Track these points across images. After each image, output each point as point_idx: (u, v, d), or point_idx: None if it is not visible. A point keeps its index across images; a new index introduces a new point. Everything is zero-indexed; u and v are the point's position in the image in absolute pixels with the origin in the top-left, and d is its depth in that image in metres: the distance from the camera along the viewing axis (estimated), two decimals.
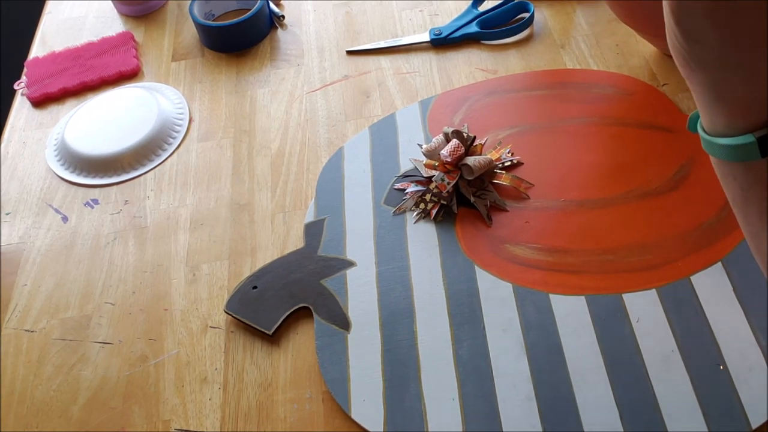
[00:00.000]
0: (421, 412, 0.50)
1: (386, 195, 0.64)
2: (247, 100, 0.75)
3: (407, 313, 0.56)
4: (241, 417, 0.53)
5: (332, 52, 0.79)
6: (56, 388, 0.56)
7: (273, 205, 0.66)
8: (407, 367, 0.53)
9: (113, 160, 0.70)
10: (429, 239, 0.60)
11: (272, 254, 0.62)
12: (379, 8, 0.83)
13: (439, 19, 0.80)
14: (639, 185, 0.60)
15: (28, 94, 0.79)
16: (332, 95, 0.74)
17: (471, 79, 0.73)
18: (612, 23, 0.76)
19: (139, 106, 0.74)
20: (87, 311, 0.61)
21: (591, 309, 0.53)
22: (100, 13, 0.89)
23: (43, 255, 0.65)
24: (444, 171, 0.61)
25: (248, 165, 0.69)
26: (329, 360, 0.54)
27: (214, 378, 0.55)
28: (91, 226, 0.67)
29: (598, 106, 0.67)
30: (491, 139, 0.66)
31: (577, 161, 0.63)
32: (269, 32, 0.82)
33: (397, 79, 0.74)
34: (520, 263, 0.57)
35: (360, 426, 0.51)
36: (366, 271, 0.59)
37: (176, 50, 0.82)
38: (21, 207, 0.70)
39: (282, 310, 0.57)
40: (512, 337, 0.53)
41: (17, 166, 0.74)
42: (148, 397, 0.55)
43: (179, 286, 0.61)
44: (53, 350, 0.59)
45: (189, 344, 0.57)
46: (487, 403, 0.50)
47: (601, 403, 0.49)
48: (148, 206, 0.68)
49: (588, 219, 0.58)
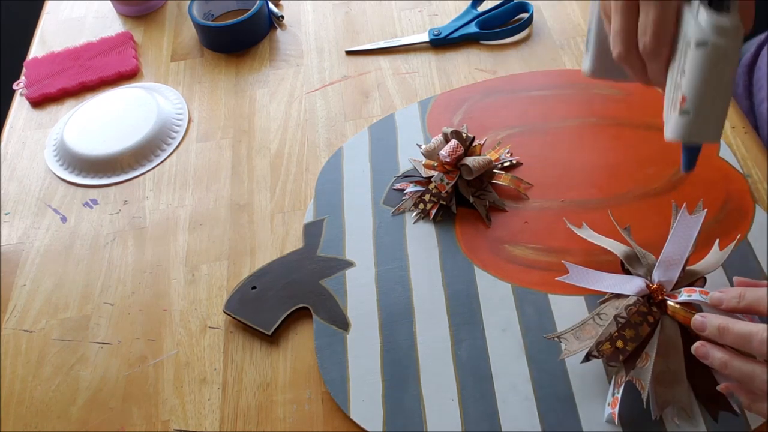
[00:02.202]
0: (420, 413, 0.50)
1: (385, 195, 0.64)
2: (246, 101, 0.75)
3: (406, 313, 0.56)
4: (240, 417, 0.53)
5: (331, 52, 0.79)
6: (55, 388, 0.56)
7: (272, 206, 0.66)
8: (406, 367, 0.53)
9: (112, 160, 0.70)
10: (428, 239, 0.60)
11: (271, 254, 0.62)
12: (378, 8, 0.83)
13: (439, 19, 0.80)
14: (638, 185, 0.60)
15: (27, 95, 0.79)
16: (331, 95, 0.74)
17: (470, 79, 0.73)
18: None
19: (139, 107, 0.74)
20: (86, 311, 0.61)
21: (590, 309, 0.53)
22: (99, 14, 0.89)
23: (42, 255, 0.65)
24: (443, 171, 0.61)
25: (247, 165, 0.69)
26: (328, 360, 0.54)
27: (213, 378, 0.55)
28: (90, 226, 0.67)
29: (598, 107, 0.67)
30: (490, 139, 0.66)
31: (577, 161, 0.63)
32: (268, 32, 0.82)
33: (396, 80, 0.74)
34: (520, 263, 0.57)
35: (359, 426, 0.51)
36: (365, 272, 0.59)
37: (175, 50, 0.82)
38: (20, 207, 0.69)
39: (281, 310, 0.57)
40: (511, 338, 0.53)
41: (16, 166, 0.73)
42: (147, 397, 0.55)
43: (178, 286, 0.61)
44: (52, 350, 0.59)
45: (188, 344, 0.57)
46: (487, 403, 0.50)
47: (600, 403, 0.49)
48: (148, 206, 0.68)
49: (587, 219, 0.58)
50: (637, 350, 0.48)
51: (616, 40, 0.47)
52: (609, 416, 0.48)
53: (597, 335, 0.48)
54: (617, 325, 0.48)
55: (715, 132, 0.45)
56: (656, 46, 0.45)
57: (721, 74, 0.43)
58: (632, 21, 0.46)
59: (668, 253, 0.50)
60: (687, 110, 0.44)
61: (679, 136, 0.45)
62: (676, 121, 0.45)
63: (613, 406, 0.47)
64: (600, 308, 0.51)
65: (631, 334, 0.47)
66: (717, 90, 0.43)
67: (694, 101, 0.44)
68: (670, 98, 0.46)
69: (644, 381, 0.47)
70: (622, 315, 0.48)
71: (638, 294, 0.49)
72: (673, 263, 0.50)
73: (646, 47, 0.46)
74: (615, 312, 0.49)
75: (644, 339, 0.48)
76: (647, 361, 0.47)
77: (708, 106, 0.44)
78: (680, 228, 0.51)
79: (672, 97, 0.45)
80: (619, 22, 0.47)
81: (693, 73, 0.43)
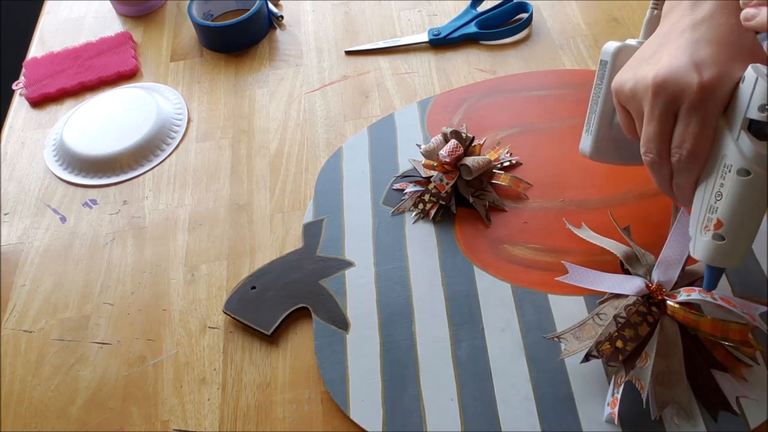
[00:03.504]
0: (420, 413, 0.50)
1: (385, 195, 0.64)
2: (245, 101, 0.75)
3: (406, 313, 0.56)
4: (239, 417, 0.53)
5: (331, 52, 0.79)
6: (55, 388, 0.56)
7: (272, 206, 0.66)
8: (406, 367, 0.53)
9: (112, 160, 0.70)
10: (428, 239, 0.60)
11: (271, 254, 0.62)
12: (377, 8, 0.83)
13: (438, 19, 0.80)
14: (637, 185, 0.60)
15: (27, 95, 0.79)
16: (331, 95, 0.74)
17: (470, 79, 0.73)
18: (611, 23, 0.76)
19: (138, 107, 0.74)
20: (86, 311, 0.61)
21: (590, 309, 0.53)
22: (98, 14, 0.89)
23: (42, 255, 0.65)
24: (443, 171, 0.61)
25: (247, 165, 0.69)
26: (328, 360, 0.54)
27: (212, 378, 0.55)
28: (89, 226, 0.67)
29: None
30: (490, 139, 0.66)
31: (576, 161, 0.63)
32: (268, 32, 0.82)
33: (395, 80, 0.74)
34: (519, 263, 0.57)
35: (359, 426, 0.51)
36: (365, 272, 0.59)
37: (175, 50, 0.82)
38: (19, 207, 0.69)
39: (281, 310, 0.57)
40: (511, 338, 0.53)
41: (16, 166, 0.73)
42: (146, 397, 0.55)
43: (178, 286, 0.61)
44: (52, 350, 0.58)
45: (188, 344, 0.57)
46: (486, 403, 0.50)
47: (600, 403, 0.49)
48: (147, 206, 0.68)
49: (587, 219, 0.58)
50: (636, 350, 0.48)
51: (649, 146, 0.45)
52: (609, 416, 0.48)
53: (596, 335, 0.48)
54: (617, 325, 0.48)
55: (743, 257, 0.45)
56: (691, 162, 0.44)
57: (759, 203, 0.42)
58: (669, 129, 0.44)
59: (667, 253, 0.50)
60: (722, 235, 0.44)
61: (711, 260, 0.45)
62: (708, 244, 0.45)
63: (613, 406, 0.47)
64: (599, 308, 0.51)
65: (630, 334, 0.47)
66: (753, 218, 0.43)
67: (731, 228, 0.43)
68: (700, 218, 0.45)
69: (644, 381, 0.47)
70: (621, 315, 0.48)
71: (638, 294, 0.49)
72: (673, 263, 0.50)
73: (681, 160, 0.44)
74: (614, 312, 0.49)
75: (644, 339, 0.48)
76: (647, 361, 0.47)
77: (744, 233, 0.44)
78: (680, 228, 0.50)
79: (703, 217, 0.45)
80: (655, 129, 0.44)
81: (733, 201, 0.42)
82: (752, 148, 0.41)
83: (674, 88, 0.42)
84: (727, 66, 0.42)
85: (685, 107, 0.42)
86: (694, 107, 0.42)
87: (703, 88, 0.41)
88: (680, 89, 0.42)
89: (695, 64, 0.42)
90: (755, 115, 0.40)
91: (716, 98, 0.42)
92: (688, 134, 0.43)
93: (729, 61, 0.42)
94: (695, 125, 0.42)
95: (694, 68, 0.42)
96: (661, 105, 0.43)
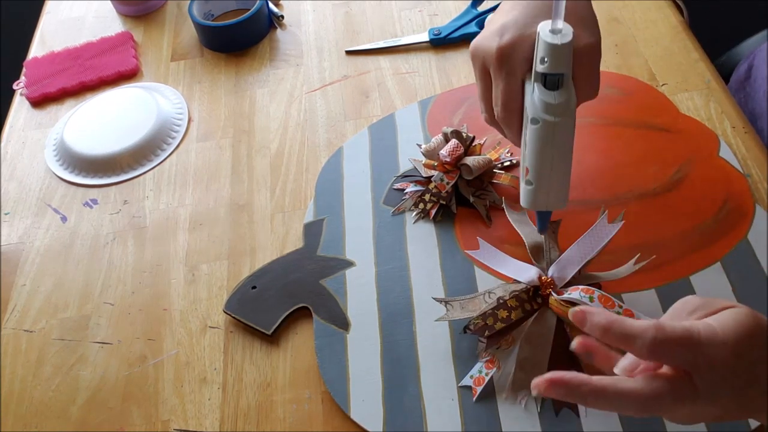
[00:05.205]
0: (420, 412, 0.50)
1: (385, 195, 0.64)
2: (246, 100, 0.75)
3: (406, 312, 0.56)
4: (240, 417, 0.53)
5: (331, 52, 0.79)
6: (55, 388, 0.56)
7: (272, 205, 0.66)
8: (406, 367, 0.53)
9: (112, 160, 0.70)
10: (428, 239, 0.60)
11: (271, 254, 0.62)
12: (378, 8, 0.83)
13: (439, 19, 0.80)
14: (638, 185, 0.60)
15: (27, 94, 0.79)
16: (331, 95, 0.74)
17: (470, 79, 0.73)
18: (611, 23, 0.76)
19: (138, 106, 0.74)
20: (86, 311, 0.61)
21: None
22: (99, 13, 0.89)
23: (42, 255, 0.65)
24: (443, 171, 0.61)
25: (247, 165, 0.69)
26: (328, 360, 0.54)
27: (213, 378, 0.55)
28: (90, 226, 0.67)
29: (597, 106, 0.67)
30: (490, 139, 0.66)
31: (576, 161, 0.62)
32: (268, 32, 0.82)
33: (396, 79, 0.74)
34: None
35: (359, 426, 0.51)
36: (365, 271, 0.59)
37: (175, 50, 0.82)
38: (20, 207, 0.69)
39: (281, 310, 0.57)
40: None
41: (16, 166, 0.73)
42: (147, 397, 0.55)
43: (178, 286, 0.61)
44: (52, 350, 0.58)
45: (188, 344, 0.57)
46: (486, 403, 0.50)
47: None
48: (147, 206, 0.68)
49: (587, 219, 0.58)
50: (504, 330, 0.50)
51: (481, 105, 0.51)
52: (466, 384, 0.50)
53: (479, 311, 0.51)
54: (496, 303, 0.50)
55: (557, 200, 0.48)
56: (506, 117, 0.48)
57: (556, 147, 0.45)
58: (488, 90, 0.49)
59: (569, 254, 0.52)
60: (530, 181, 0.47)
61: (526, 204, 0.49)
62: (523, 190, 0.49)
63: (477, 383, 0.50)
64: (493, 287, 0.53)
65: (503, 315, 0.50)
66: (554, 162, 0.46)
67: (535, 174, 0.47)
68: (522, 167, 0.49)
69: (501, 362, 0.50)
70: (503, 297, 0.51)
71: (529, 283, 0.52)
72: (571, 263, 0.52)
73: (498, 116, 0.49)
74: (502, 293, 0.52)
75: (515, 323, 0.50)
76: (513, 345, 0.50)
77: (547, 177, 0.47)
78: (593, 233, 0.53)
79: (522, 166, 0.49)
80: (479, 90, 0.50)
81: (531, 148, 0.46)
82: (539, 97, 0.44)
83: (482, 53, 0.48)
84: (528, 27, 0.46)
85: (492, 69, 0.47)
86: (496, 68, 0.47)
87: (500, 50, 0.46)
88: (485, 53, 0.47)
89: (501, 27, 0.47)
90: (539, 68, 0.44)
91: (513, 58, 0.46)
92: (498, 93, 0.48)
93: (531, 22, 0.46)
94: (501, 83, 0.47)
95: (498, 33, 0.47)
96: (477, 69, 0.49)
